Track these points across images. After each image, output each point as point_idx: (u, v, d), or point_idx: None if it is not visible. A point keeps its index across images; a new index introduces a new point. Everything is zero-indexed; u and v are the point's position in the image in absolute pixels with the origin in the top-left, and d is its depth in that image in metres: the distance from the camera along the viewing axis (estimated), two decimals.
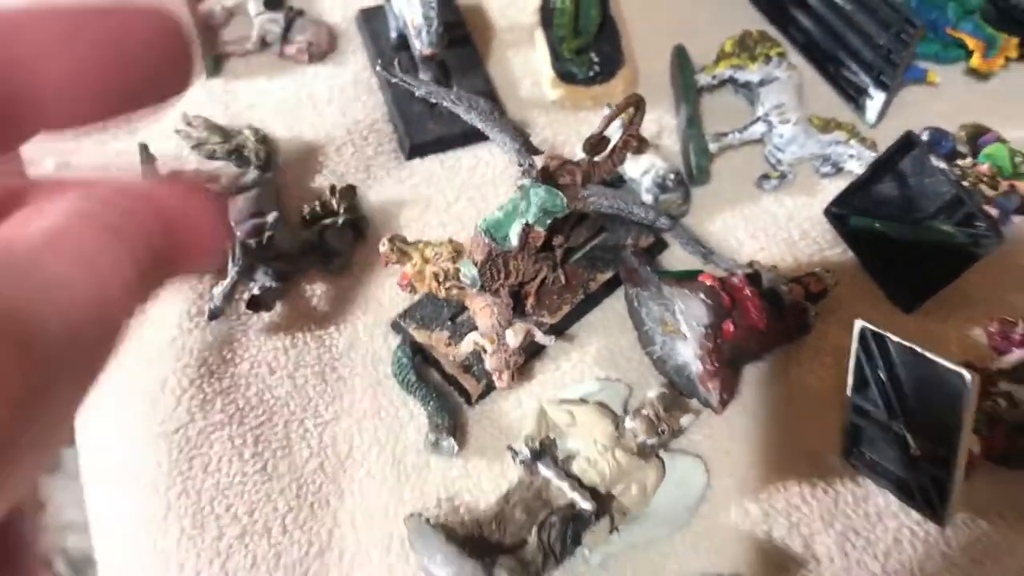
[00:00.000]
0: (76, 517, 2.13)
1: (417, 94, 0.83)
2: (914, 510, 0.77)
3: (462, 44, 1.11)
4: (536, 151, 0.80)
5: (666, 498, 0.79)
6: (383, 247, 0.85)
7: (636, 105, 0.86)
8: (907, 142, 0.86)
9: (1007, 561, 0.76)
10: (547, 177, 0.82)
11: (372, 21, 1.12)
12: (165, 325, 0.90)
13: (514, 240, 0.79)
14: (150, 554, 0.79)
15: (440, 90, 0.82)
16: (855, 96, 1.03)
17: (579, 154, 0.84)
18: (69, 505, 2.06)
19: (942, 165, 0.83)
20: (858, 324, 0.76)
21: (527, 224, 0.79)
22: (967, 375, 0.67)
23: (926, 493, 0.74)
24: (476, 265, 0.80)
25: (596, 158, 0.85)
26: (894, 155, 0.87)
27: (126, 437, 0.85)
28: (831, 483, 0.80)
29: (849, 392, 0.78)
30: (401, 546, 0.77)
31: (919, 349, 0.70)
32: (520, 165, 0.79)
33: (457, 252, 0.85)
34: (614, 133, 0.84)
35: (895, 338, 0.73)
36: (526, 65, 1.11)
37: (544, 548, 0.73)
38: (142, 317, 0.69)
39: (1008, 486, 0.79)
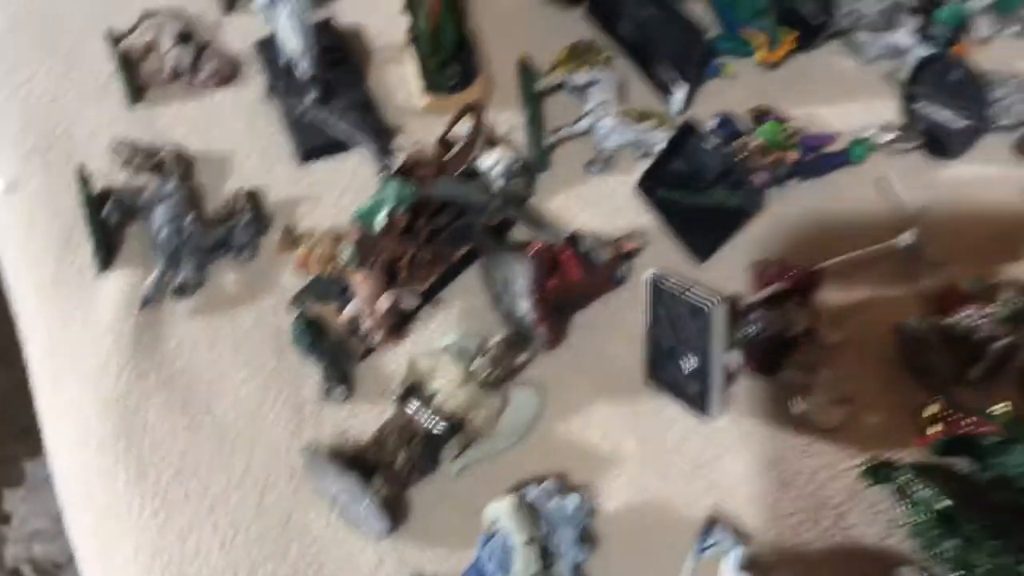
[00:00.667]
0: (43, 526, 2.33)
1: (297, 109, 1.05)
2: (692, 413, 1.00)
3: (343, 64, 1.31)
4: (391, 153, 1.02)
5: (508, 420, 1.01)
6: (275, 237, 1.06)
7: (472, 112, 1.08)
8: (686, 128, 1.08)
9: (758, 448, 0.99)
10: (407, 172, 1.04)
11: (267, 49, 1.31)
12: (105, 312, 1.11)
13: (381, 221, 1.01)
14: (105, 496, 1.00)
15: (317, 111, 1.04)
16: (665, 91, 1.25)
17: None
18: (35, 515, 2.24)
19: (713, 144, 1.06)
20: (647, 273, 0.99)
21: (389, 211, 1.01)
22: (709, 305, 0.89)
23: (698, 399, 0.97)
24: (351, 247, 1.02)
25: (447, 155, 1.07)
26: (678, 140, 1.09)
27: (80, 405, 1.06)
28: (635, 399, 1.03)
29: (645, 328, 1.01)
30: (301, 474, 0.99)
31: (676, 291, 0.92)
32: (379, 165, 1.00)
33: (338, 238, 1.07)
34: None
35: (666, 282, 0.95)
36: (400, 79, 1.32)
37: (411, 463, 0.95)
38: (86, 306, 0.96)
39: (765, 391, 1.03)
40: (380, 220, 1.00)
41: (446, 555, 0.94)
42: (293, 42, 1.17)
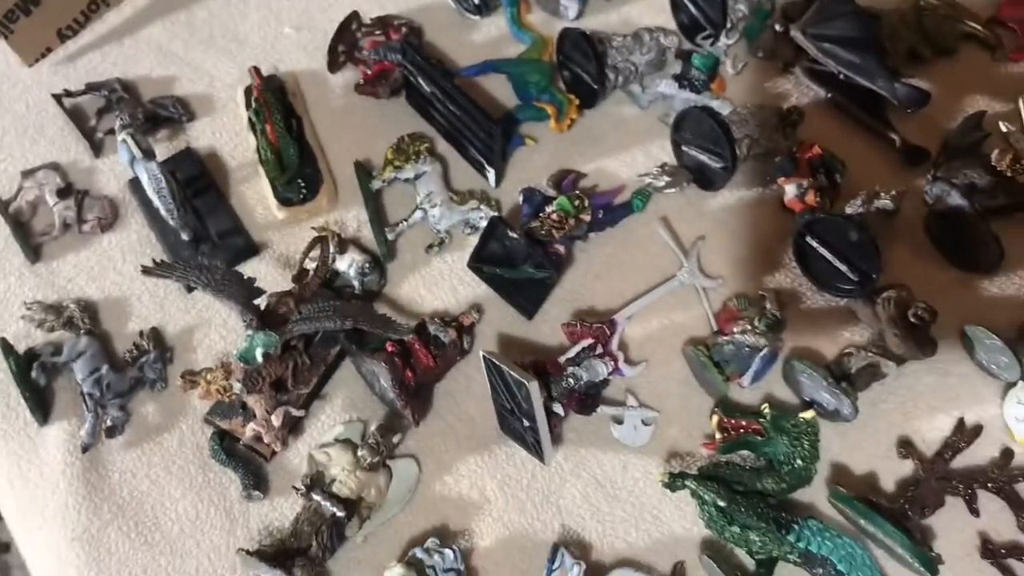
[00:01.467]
0: None
1: (173, 279, 1.27)
2: (532, 455, 1.26)
3: (207, 190, 1.52)
4: (254, 304, 1.24)
5: (396, 489, 1.27)
6: (178, 382, 1.29)
7: (319, 242, 1.31)
8: (493, 221, 1.33)
9: (587, 473, 1.26)
10: (269, 312, 1.27)
11: (140, 190, 1.50)
12: (55, 459, 1.34)
13: (260, 360, 1.24)
14: None
15: (186, 273, 1.25)
16: (480, 169, 1.48)
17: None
18: None
19: (514, 235, 1.31)
20: (481, 353, 1.24)
21: (262, 354, 1.24)
22: (525, 382, 1.15)
23: (535, 447, 1.24)
24: (240, 380, 1.25)
25: (304, 282, 1.30)
26: (489, 230, 1.34)
27: (52, 543, 1.30)
28: (493, 450, 1.30)
29: (491, 392, 1.27)
30: (241, 568, 1.24)
31: (497, 363, 1.17)
32: (244, 320, 1.23)
33: (228, 371, 1.30)
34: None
35: (493, 361, 1.20)
36: (258, 195, 1.53)
37: (322, 546, 1.21)
38: (38, 457, 1.25)
39: (589, 425, 1.30)
40: (259, 358, 1.23)
41: None
42: (156, 201, 1.37)
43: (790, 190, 1.36)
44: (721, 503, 1.15)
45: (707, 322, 1.35)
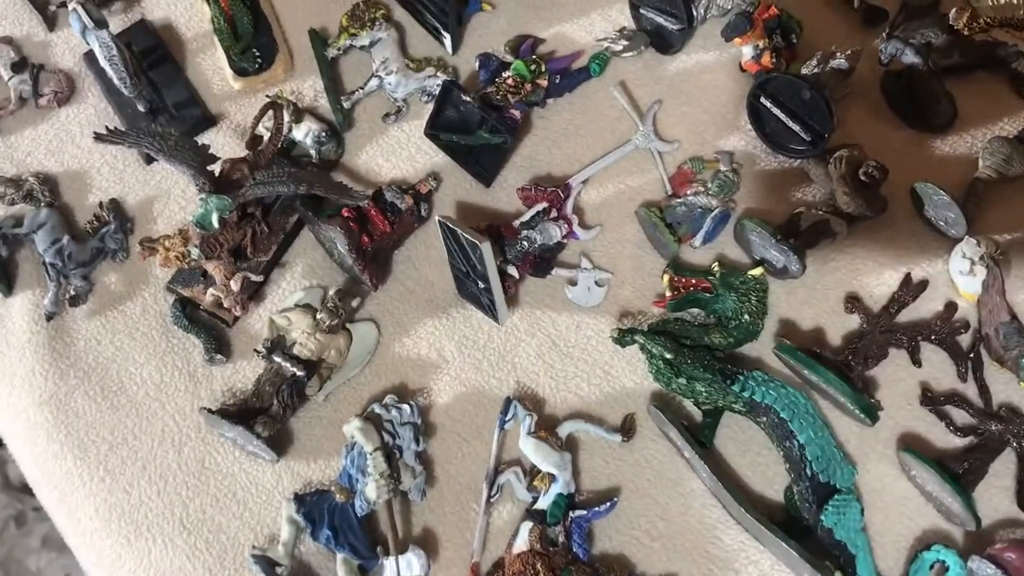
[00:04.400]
0: None
1: (127, 145, 1.27)
2: (488, 316, 1.29)
3: (163, 62, 1.50)
4: (208, 170, 1.25)
5: (355, 351, 1.30)
6: (137, 249, 1.31)
7: (271, 108, 1.30)
8: (447, 86, 1.32)
9: (542, 333, 1.29)
10: (223, 178, 1.27)
11: (95, 63, 1.49)
12: (20, 329, 1.36)
13: (216, 225, 1.25)
14: (60, 474, 1.29)
15: (139, 140, 1.25)
16: (437, 36, 1.46)
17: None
18: None
19: (467, 98, 1.30)
20: (436, 218, 1.25)
21: (218, 218, 1.24)
22: (477, 243, 1.16)
23: (490, 308, 1.26)
24: (197, 247, 1.27)
25: (259, 149, 1.30)
26: (442, 97, 1.33)
27: (21, 407, 1.33)
28: (450, 313, 1.32)
29: (448, 256, 1.28)
30: (205, 427, 1.28)
31: (452, 226, 1.18)
32: (197, 185, 1.23)
33: (186, 238, 1.31)
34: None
35: (448, 224, 1.21)
36: (214, 66, 1.51)
37: (283, 404, 1.24)
38: (3, 327, 1.28)
39: (544, 288, 1.32)
40: (214, 222, 1.24)
41: (325, 463, 1.25)
42: (109, 71, 1.36)
43: (746, 51, 1.35)
44: (668, 356, 1.18)
45: (662, 186, 1.35)
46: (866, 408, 1.15)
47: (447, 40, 1.44)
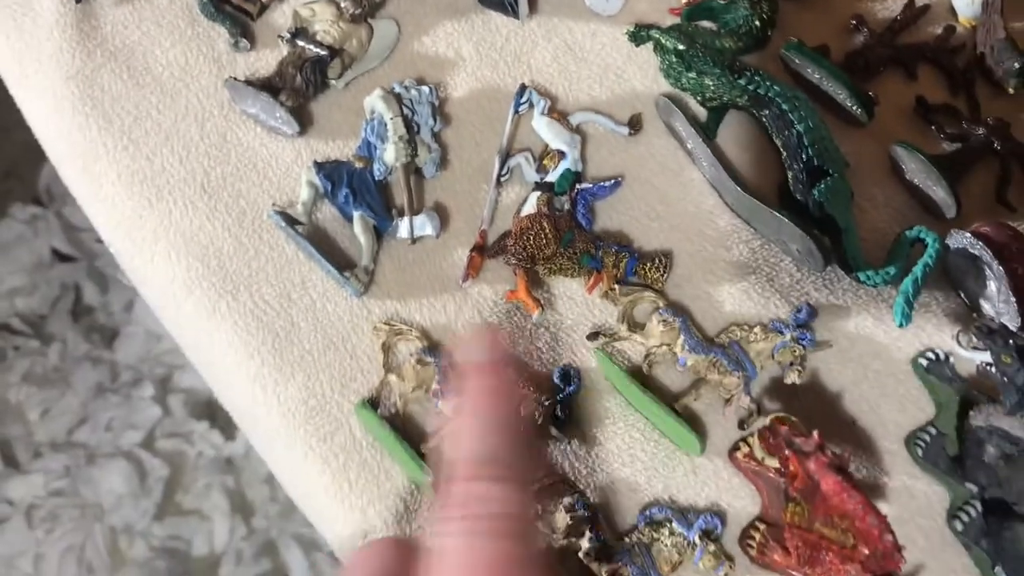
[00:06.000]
0: (19, 283, 2.68)
1: None
2: (509, 15, 1.33)
3: None
4: None
5: (376, 45, 1.35)
6: None
7: None
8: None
9: (564, 34, 1.34)
10: None
11: None
12: (49, 11, 1.39)
13: None
14: (84, 144, 1.33)
15: None
16: None
17: None
18: (9, 273, 2.57)
19: None
20: None
21: None
22: None
23: (511, 4, 1.31)
24: None
25: None
26: None
27: (48, 84, 1.37)
28: (469, 15, 1.36)
29: None
30: (228, 105, 1.33)
31: None
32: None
33: None
34: None
35: None
36: None
37: (306, 80, 1.29)
38: (32, 10, 1.32)
39: None
40: None
41: (344, 143, 1.30)
42: None
43: None
44: (681, 47, 1.23)
45: None
46: (864, 103, 1.21)
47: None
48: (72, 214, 3.27)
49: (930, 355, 1.13)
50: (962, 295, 1.17)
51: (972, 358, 1.11)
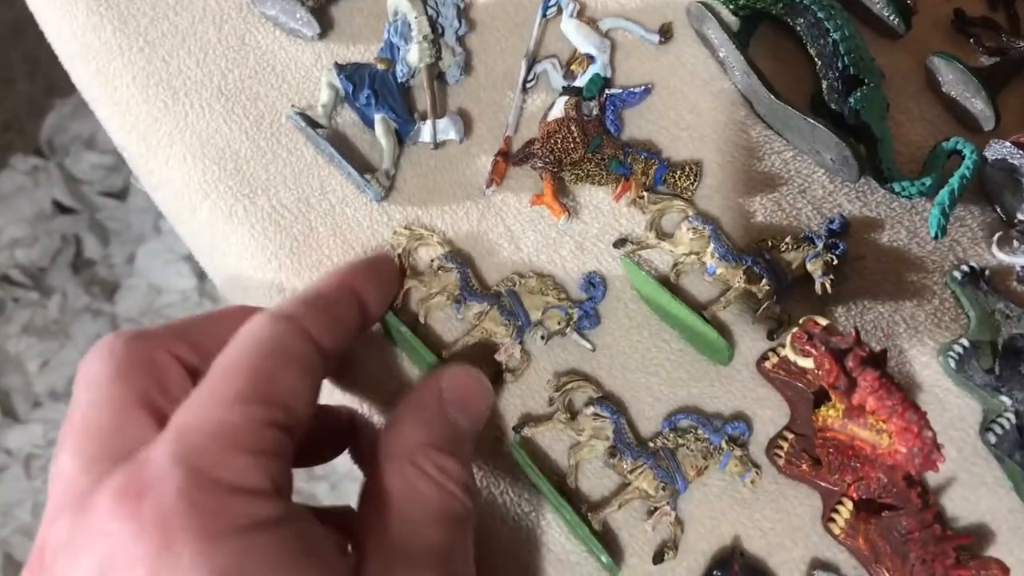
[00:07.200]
0: (20, 233, 2.63)
1: None
2: None
3: None
4: None
5: None
6: None
7: None
8: None
9: None
10: None
11: None
12: None
13: None
14: (99, 45, 1.30)
15: None
16: None
17: None
18: (10, 224, 2.52)
19: None
20: None
21: None
22: None
23: None
24: None
25: None
26: None
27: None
28: None
29: None
30: (247, 8, 1.29)
31: None
32: None
33: None
34: None
35: None
36: None
37: None
38: None
39: None
40: None
41: (365, 48, 1.27)
42: None
43: None
44: None
45: None
46: (902, 12, 1.18)
47: None
48: (73, 166, 3.23)
49: (964, 268, 1.10)
50: (998, 209, 1.14)
51: (1013, 262, 1.08)
